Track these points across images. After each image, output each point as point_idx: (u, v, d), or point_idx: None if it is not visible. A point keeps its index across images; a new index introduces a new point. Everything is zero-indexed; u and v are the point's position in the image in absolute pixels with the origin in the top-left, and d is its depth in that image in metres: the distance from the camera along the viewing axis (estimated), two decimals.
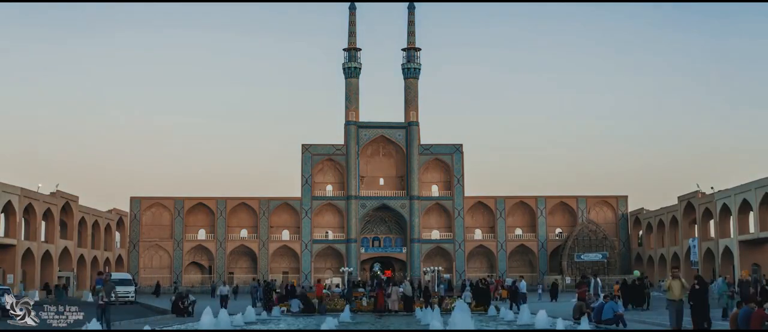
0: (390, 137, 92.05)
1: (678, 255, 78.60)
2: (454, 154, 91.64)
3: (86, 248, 77.09)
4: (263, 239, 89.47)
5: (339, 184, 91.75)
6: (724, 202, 68.00)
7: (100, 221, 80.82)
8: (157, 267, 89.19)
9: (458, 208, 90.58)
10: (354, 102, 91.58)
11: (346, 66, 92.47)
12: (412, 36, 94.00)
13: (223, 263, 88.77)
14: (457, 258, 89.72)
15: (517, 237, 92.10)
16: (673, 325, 23.56)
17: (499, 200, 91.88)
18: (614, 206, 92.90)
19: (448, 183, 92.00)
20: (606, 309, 26.51)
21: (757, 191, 61.42)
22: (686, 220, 77.51)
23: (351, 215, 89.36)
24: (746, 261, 65.51)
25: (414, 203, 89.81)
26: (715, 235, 71.06)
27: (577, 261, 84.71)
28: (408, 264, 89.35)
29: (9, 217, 60.35)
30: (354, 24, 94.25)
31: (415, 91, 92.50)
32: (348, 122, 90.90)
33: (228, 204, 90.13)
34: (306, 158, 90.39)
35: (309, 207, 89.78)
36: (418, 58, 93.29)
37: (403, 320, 33.18)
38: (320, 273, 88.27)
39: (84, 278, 75.80)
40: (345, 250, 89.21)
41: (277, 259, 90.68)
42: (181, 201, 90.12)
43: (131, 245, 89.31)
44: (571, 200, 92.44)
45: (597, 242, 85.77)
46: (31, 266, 63.93)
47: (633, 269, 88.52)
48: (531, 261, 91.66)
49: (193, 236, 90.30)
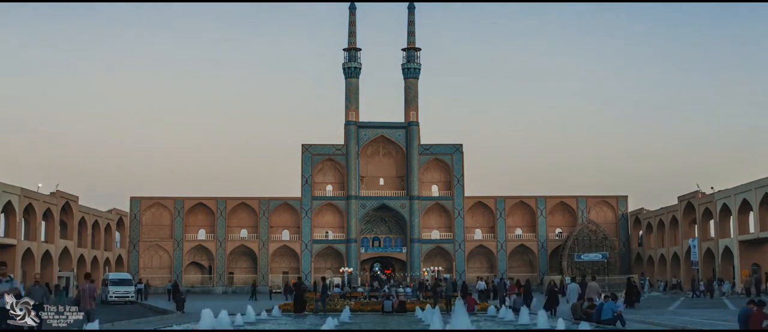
0: (390, 137, 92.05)
1: (678, 254, 78.60)
2: (454, 154, 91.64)
3: (86, 248, 77.11)
4: (263, 239, 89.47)
5: (339, 184, 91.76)
6: (724, 202, 68.00)
7: (100, 221, 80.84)
8: (157, 266, 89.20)
9: (458, 208, 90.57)
10: (354, 102, 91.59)
11: (346, 66, 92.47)
12: (412, 36, 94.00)
13: (223, 263, 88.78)
14: (457, 258, 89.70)
15: (517, 237, 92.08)
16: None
17: (499, 200, 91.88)
18: (614, 206, 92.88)
19: (448, 183, 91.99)
20: (605, 309, 26.53)
21: (757, 191, 61.45)
22: (686, 220, 77.49)
23: (351, 215, 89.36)
24: (746, 261, 65.59)
25: (414, 203, 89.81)
26: (715, 235, 71.07)
27: (577, 261, 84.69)
28: (408, 264, 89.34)
29: (9, 217, 60.35)
30: (354, 24, 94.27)
31: (415, 91, 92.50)
32: (348, 122, 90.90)
33: (228, 204, 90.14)
34: (306, 158, 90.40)
35: (309, 207, 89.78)
36: (418, 58, 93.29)
37: (403, 320, 33.12)
38: (320, 273, 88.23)
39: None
40: (345, 250, 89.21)
41: (277, 259, 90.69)
42: (181, 201, 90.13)
43: (131, 245, 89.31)
44: (571, 200, 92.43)
45: (597, 242, 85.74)
46: (31, 266, 63.92)
47: (633, 270, 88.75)
48: (531, 260, 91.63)
49: (193, 236, 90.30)
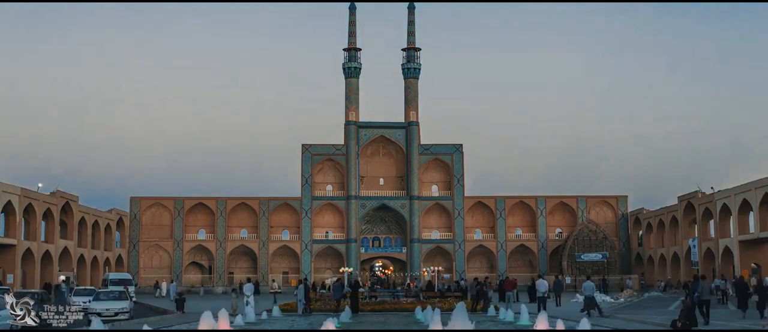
0: (390, 137, 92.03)
1: (678, 254, 78.59)
2: (454, 154, 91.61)
3: (86, 248, 77.11)
4: (263, 239, 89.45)
5: (339, 184, 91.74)
6: (724, 202, 67.94)
7: (100, 221, 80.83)
8: (157, 267, 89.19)
9: (458, 208, 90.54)
10: (354, 102, 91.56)
11: (346, 66, 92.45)
12: (412, 36, 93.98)
13: (223, 263, 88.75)
14: (457, 258, 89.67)
15: (517, 237, 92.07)
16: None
17: (499, 200, 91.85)
18: (614, 206, 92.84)
19: (448, 183, 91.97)
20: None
21: (757, 191, 61.40)
22: (686, 220, 77.44)
23: (351, 215, 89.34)
24: (746, 261, 65.56)
25: (414, 203, 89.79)
26: (715, 235, 71.04)
27: (577, 261, 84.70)
28: (408, 264, 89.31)
29: (9, 217, 60.33)
30: (354, 24, 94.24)
31: (415, 91, 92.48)
32: (348, 122, 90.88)
33: (228, 204, 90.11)
34: (306, 158, 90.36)
35: (309, 207, 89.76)
36: (418, 58, 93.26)
37: (403, 320, 33.13)
38: (320, 273, 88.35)
39: (84, 278, 75.79)
40: (345, 250, 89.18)
41: (277, 259, 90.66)
42: (181, 201, 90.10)
43: (131, 245, 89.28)
44: (571, 200, 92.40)
45: (597, 243, 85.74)
46: (31, 266, 63.92)
47: (633, 269, 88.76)
48: (531, 261, 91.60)
49: (193, 236, 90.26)
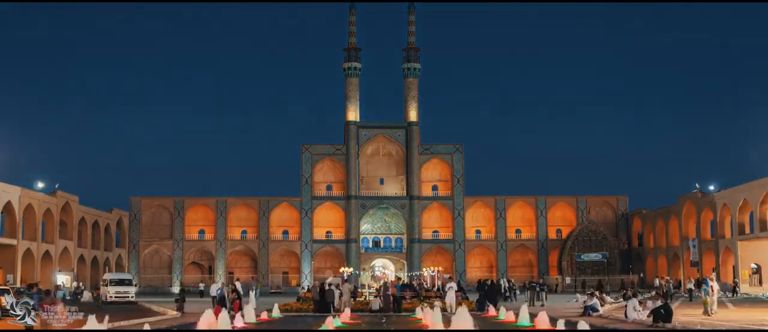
0: (390, 137, 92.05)
1: (678, 254, 78.61)
2: (454, 154, 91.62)
3: (86, 248, 77.12)
4: (263, 239, 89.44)
5: (339, 184, 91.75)
6: (724, 202, 67.99)
7: (100, 221, 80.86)
8: (157, 266, 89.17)
9: (458, 208, 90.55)
10: (354, 102, 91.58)
11: (345, 66, 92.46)
12: (412, 36, 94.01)
13: (223, 263, 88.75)
14: (457, 258, 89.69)
15: (517, 237, 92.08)
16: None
17: (499, 200, 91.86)
18: (614, 206, 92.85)
19: (448, 183, 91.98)
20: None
21: (757, 191, 61.43)
22: (686, 220, 77.48)
23: (351, 215, 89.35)
24: (746, 261, 65.62)
25: (414, 203, 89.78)
26: (715, 235, 71.07)
27: (577, 261, 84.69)
28: (408, 264, 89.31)
29: (9, 217, 60.35)
30: (354, 24, 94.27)
31: (415, 91, 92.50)
32: (348, 122, 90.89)
33: (228, 204, 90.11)
34: (306, 158, 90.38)
35: (309, 207, 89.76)
36: (418, 58, 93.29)
37: (402, 320, 33.09)
38: (320, 273, 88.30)
39: (84, 278, 75.81)
40: (345, 250, 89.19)
41: (277, 259, 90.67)
42: (181, 201, 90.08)
43: (131, 245, 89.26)
44: (571, 200, 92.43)
45: (597, 242, 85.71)
46: (31, 266, 63.94)
47: (633, 269, 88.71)
48: (531, 260, 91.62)
49: (193, 237, 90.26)
